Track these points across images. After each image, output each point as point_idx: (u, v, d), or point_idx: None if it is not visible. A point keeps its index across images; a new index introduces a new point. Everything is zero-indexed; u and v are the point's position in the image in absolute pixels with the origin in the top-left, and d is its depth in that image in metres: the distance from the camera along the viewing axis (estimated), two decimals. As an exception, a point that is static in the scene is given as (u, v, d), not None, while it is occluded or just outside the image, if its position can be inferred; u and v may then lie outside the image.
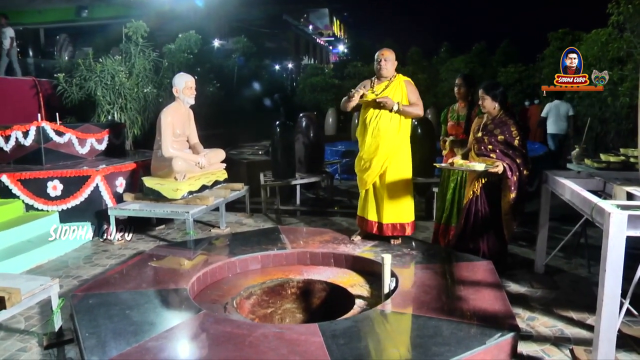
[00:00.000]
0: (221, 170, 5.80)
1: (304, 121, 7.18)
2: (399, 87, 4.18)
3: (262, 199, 6.55)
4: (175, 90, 5.36)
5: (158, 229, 5.73)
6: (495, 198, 3.91)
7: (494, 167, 3.77)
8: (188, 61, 8.61)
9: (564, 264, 4.37)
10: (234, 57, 13.62)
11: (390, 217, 4.16)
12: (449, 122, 4.64)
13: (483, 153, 3.92)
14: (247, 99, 13.46)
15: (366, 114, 4.18)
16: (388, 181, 4.13)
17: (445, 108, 4.83)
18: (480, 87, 3.98)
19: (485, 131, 3.93)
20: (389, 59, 4.19)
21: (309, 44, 35.07)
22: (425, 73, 16.74)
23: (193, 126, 5.60)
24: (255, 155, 8.84)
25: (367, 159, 4.16)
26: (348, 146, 10.20)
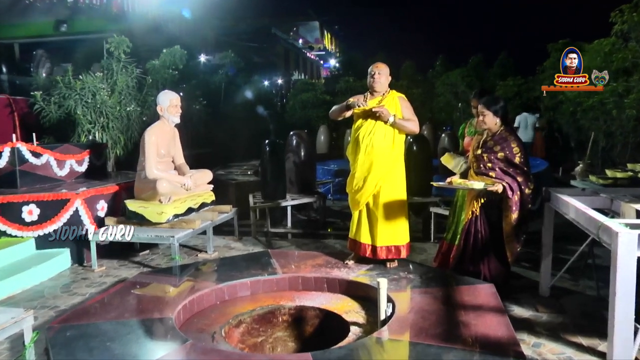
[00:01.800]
0: (208, 192, 5.80)
1: (294, 139, 7.22)
2: (393, 103, 4.23)
3: (252, 221, 6.53)
4: (159, 108, 5.39)
5: (142, 255, 5.69)
6: (496, 218, 3.93)
7: (493, 186, 3.79)
8: (173, 77, 8.66)
9: (571, 286, 4.36)
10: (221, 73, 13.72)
11: (384, 239, 4.17)
12: (466, 137, 4.71)
13: (482, 171, 3.95)
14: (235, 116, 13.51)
15: (359, 130, 4.22)
16: (382, 201, 4.15)
17: (464, 122, 4.90)
18: (480, 102, 4.02)
19: (484, 148, 3.97)
20: (382, 73, 4.25)
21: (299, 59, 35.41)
22: (420, 87, 16.94)
23: (178, 146, 5.61)
24: (243, 176, 8.84)
25: (359, 177, 4.19)
26: (341, 165, 10.24)
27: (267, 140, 6.86)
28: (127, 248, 5.73)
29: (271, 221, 6.82)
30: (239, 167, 10.26)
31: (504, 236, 3.89)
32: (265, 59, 25.48)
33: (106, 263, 5.32)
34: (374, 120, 4.15)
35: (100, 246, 5.30)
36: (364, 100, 4.31)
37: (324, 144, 14.17)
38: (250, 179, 8.43)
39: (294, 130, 7.52)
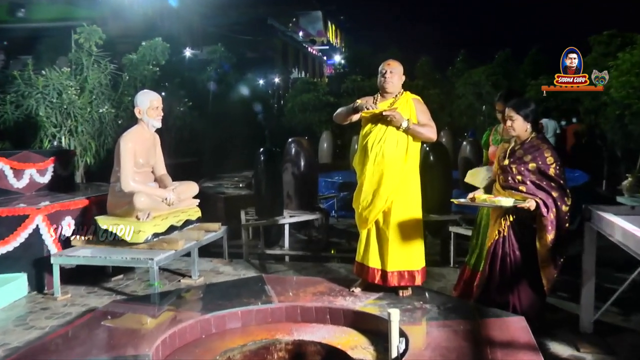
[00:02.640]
0: (193, 208, 5.81)
1: (293, 147, 7.25)
2: (407, 105, 4.25)
3: (244, 241, 6.54)
4: (137, 110, 5.42)
5: (115, 280, 5.69)
6: (528, 239, 3.91)
7: (525, 202, 3.77)
8: (153, 75, 8.72)
9: (620, 321, 4.28)
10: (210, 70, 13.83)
11: (396, 263, 4.17)
12: (491, 146, 4.71)
13: (510, 185, 3.94)
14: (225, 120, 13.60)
15: (367, 137, 4.23)
16: (394, 219, 4.15)
17: (488, 129, 4.91)
18: (508, 105, 4.03)
19: (513, 158, 3.97)
20: (395, 71, 4.28)
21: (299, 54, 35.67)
22: (438, 88, 17.01)
23: (160, 154, 5.64)
24: (235, 189, 8.88)
25: (368, 192, 4.19)
26: (347, 177, 10.27)
27: (261, 148, 6.90)
28: (97, 272, 5.72)
29: (266, 241, 6.82)
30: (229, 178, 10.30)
31: (538, 260, 3.87)
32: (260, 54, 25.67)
33: (71, 290, 5.30)
34: (384, 125, 4.17)
35: (64, 270, 5.27)
36: (374, 102, 4.33)
37: (327, 152, 14.23)
38: (242, 192, 8.45)
39: (292, 137, 7.56)
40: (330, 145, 14.42)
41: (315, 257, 6.57)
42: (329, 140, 14.45)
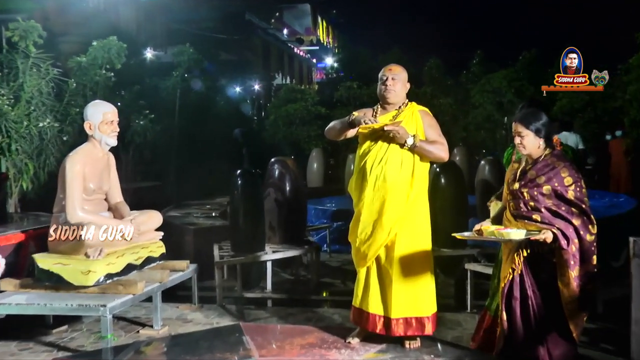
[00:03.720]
0: (156, 242, 5.79)
1: (276, 169, 7.27)
2: (412, 119, 4.30)
3: (217, 282, 6.51)
4: (88, 125, 5.42)
5: (57, 333, 5.63)
6: (548, 276, 3.92)
7: (540, 234, 3.78)
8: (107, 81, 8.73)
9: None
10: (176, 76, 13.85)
11: (401, 308, 4.17)
12: None
13: (522, 213, 3.94)
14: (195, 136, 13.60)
15: (366, 157, 4.27)
16: (398, 255, 4.17)
17: (510, 146, 4.94)
18: (515, 120, 4.06)
19: (524, 181, 3.99)
20: (398, 78, 4.33)
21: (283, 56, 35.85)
22: (451, 96, 17.10)
23: (115, 178, 5.63)
24: (206, 219, 8.85)
25: (367, 222, 4.22)
26: (341, 204, 10.26)
27: (238, 169, 6.90)
28: (34, 323, 5.66)
29: (244, 282, 6.79)
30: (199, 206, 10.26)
31: (562, 303, 3.88)
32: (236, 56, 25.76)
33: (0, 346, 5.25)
34: (386, 142, 4.21)
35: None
36: (373, 115, 4.37)
37: (317, 174, 14.24)
38: (216, 223, 8.43)
39: (275, 156, 7.58)
40: (322, 166, 14.43)
41: (304, 301, 6.53)
42: (320, 159, 14.46)
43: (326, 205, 10.38)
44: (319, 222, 9.54)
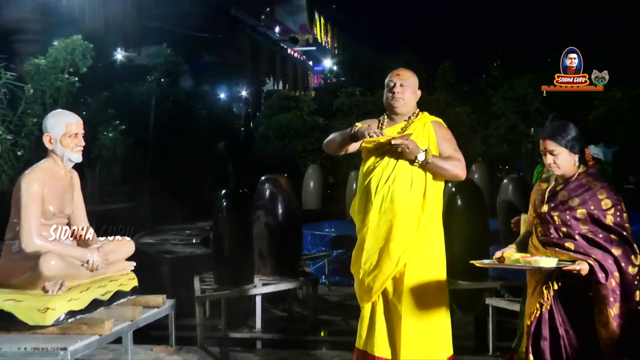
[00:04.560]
0: (127, 274, 5.78)
1: (267, 188, 7.28)
2: (424, 131, 4.32)
3: (198, 321, 6.49)
4: (47, 138, 5.41)
5: (11, 379, 5.63)
6: (582, 314, 3.90)
7: (573, 265, 3.75)
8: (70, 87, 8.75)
9: None
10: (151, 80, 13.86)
11: (412, 351, 4.16)
12: None
13: (553, 240, 3.92)
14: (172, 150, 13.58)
15: (370, 175, 4.28)
16: (408, 288, 4.18)
17: (540, 163, 4.96)
18: (544, 136, 4.03)
19: (554, 203, 3.97)
20: (407, 84, 4.35)
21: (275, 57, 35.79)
22: (468, 104, 17.13)
23: (79, 199, 5.63)
24: (185, 247, 8.85)
25: (372, 250, 4.23)
26: (342, 229, 10.27)
27: (223, 189, 6.92)
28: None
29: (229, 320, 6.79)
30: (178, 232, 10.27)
31: (600, 346, 3.86)
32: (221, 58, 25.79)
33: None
34: (394, 159, 4.22)
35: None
36: (379, 127, 4.40)
37: (314, 195, 14.24)
38: (197, 251, 8.43)
39: (266, 174, 7.59)
40: (319, 185, 14.43)
41: (299, 342, 6.53)
42: (317, 178, 14.47)
43: (325, 231, 10.38)
44: (316, 250, 9.55)
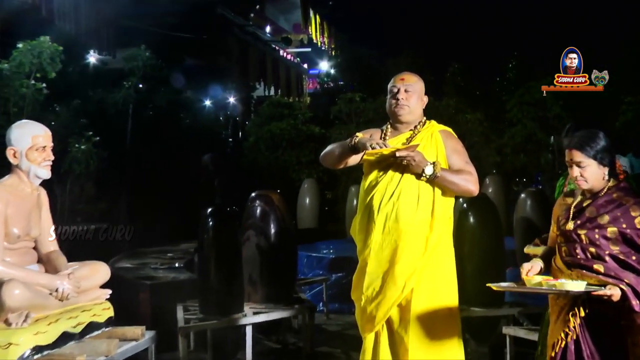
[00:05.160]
0: (101, 303, 5.76)
1: (258, 206, 7.28)
2: (432, 142, 4.33)
3: (181, 354, 6.49)
4: (11, 152, 5.39)
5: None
6: (613, 344, 3.88)
7: (604, 289, 3.74)
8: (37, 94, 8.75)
9: None
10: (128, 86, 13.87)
11: (421, 385, 4.16)
12: None
13: (579, 262, 3.91)
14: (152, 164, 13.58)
15: (373, 190, 4.28)
16: (415, 316, 4.17)
17: (562, 176, 4.96)
18: (570, 147, 4.02)
19: (581, 220, 3.96)
20: (413, 90, 4.36)
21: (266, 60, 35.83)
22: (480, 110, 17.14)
23: (47, 220, 5.61)
24: (167, 271, 8.83)
25: (375, 274, 4.22)
26: (341, 250, 10.27)
27: (209, 207, 6.91)
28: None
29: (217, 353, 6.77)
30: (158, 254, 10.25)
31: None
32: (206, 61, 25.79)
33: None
34: (399, 172, 4.23)
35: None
36: (382, 137, 4.40)
37: (310, 212, 14.25)
38: (180, 276, 8.41)
39: (257, 190, 7.58)
40: (316, 202, 14.46)
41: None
42: (314, 193, 14.50)
43: (322, 252, 10.37)
44: (312, 273, 9.54)
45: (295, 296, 7.51)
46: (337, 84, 22.51)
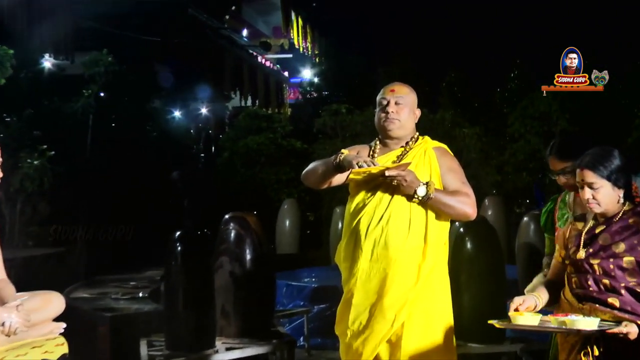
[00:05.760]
0: (54, 339, 5.74)
1: (232, 229, 7.26)
2: (425, 159, 4.33)
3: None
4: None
5: None
6: None
7: (620, 326, 3.74)
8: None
9: None
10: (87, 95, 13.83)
11: None
12: (557, 229, 4.73)
13: (591, 295, 3.91)
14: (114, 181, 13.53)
15: (360, 213, 4.28)
16: (407, 354, 4.15)
17: (550, 201, 4.96)
18: (582, 165, 4.01)
19: (593, 248, 3.95)
20: (404, 102, 4.37)
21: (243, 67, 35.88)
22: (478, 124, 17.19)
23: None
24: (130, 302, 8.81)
25: (362, 306, 4.22)
26: (324, 278, 10.28)
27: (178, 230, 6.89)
28: None
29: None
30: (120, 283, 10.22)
31: None
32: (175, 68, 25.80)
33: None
34: (388, 194, 4.23)
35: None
36: (370, 154, 4.40)
37: (290, 236, 14.23)
38: (144, 307, 8.39)
39: (231, 211, 7.57)
40: (297, 224, 14.45)
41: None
42: (294, 215, 14.47)
43: (303, 281, 10.37)
44: (292, 304, 9.52)
45: (273, 330, 7.48)
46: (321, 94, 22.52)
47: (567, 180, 4.47)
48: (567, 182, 4.49)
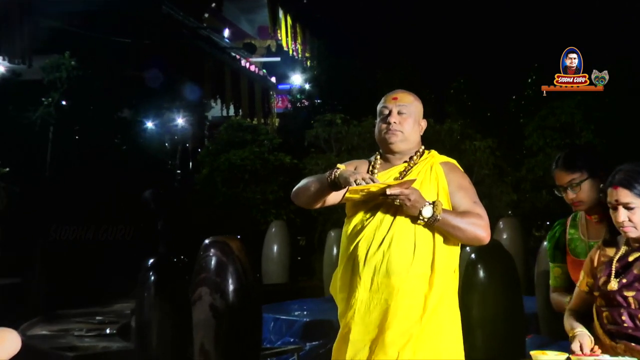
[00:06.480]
0: (9, 382, 5.76)
1: (213, 255, 7.27)
2: (431, 176, 4.33)
3: None
4: None
5: None
6: None
7: None
8: None
9: None
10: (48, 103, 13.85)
11: None
12: (569, 256, 4.74)
13: (626, 332, 3.90)
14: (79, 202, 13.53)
15: (358, 237, 4.28)
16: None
17: (557, 224, 4.96)
18: (616, 182, 4.00)
19: (627, 279, 3.96)
20: (408, 112, 4.38)
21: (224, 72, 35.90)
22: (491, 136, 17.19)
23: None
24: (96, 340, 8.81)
25: (360, 342, 4.21)
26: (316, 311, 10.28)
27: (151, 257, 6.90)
28: None
29: None
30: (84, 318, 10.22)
31: None
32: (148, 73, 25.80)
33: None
34: (390, 215, 4.23)
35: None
36: (369, 170, 4.41)
37: (278, 263, 14.24)
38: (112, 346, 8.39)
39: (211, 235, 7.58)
40: (286, 250, 14.47)
41: None
42: (283, 239, 14.50)
43: (293, 315, 10.36)
44: (281, 341, 9.52)
45: (259, 368, 7.51)
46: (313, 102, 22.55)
47: (575, 196, 4.51)
48: (576, 198, 4.52)
